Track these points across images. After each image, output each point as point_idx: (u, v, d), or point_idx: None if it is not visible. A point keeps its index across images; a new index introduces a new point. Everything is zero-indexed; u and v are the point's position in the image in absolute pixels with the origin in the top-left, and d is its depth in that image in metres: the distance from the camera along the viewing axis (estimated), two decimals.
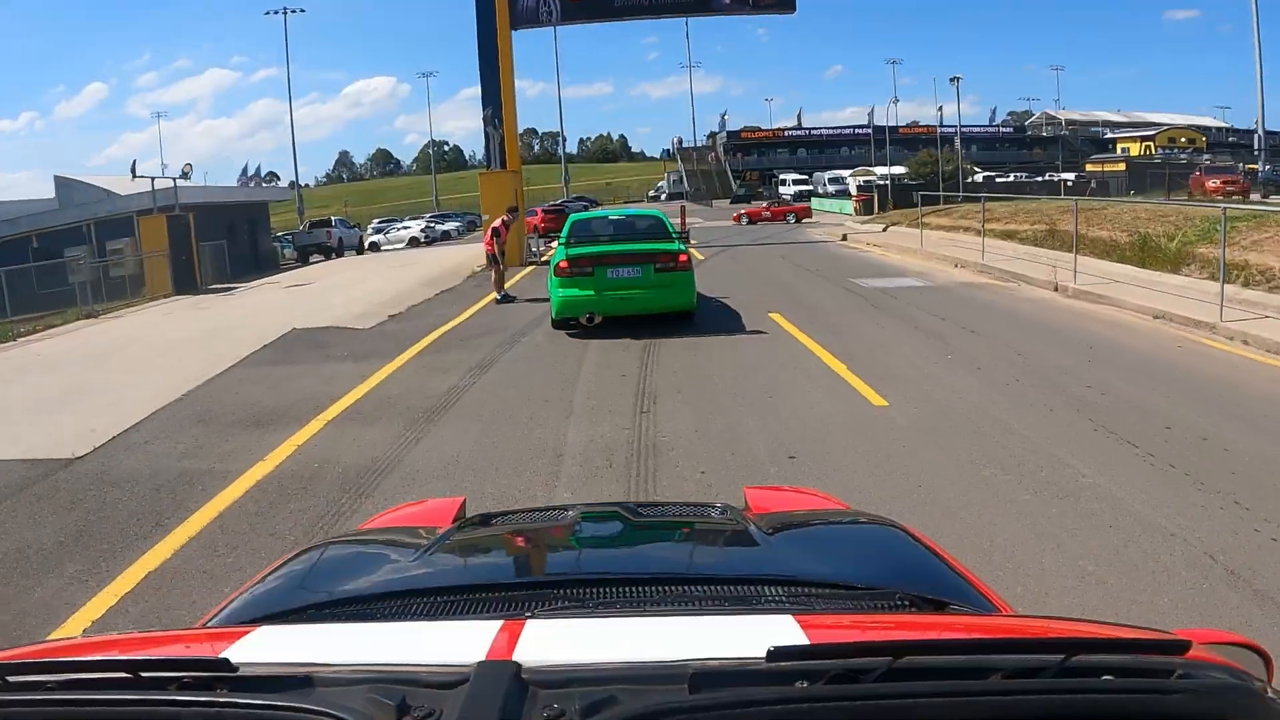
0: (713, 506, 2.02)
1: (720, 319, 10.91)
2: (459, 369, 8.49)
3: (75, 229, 30.04)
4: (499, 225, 14.52)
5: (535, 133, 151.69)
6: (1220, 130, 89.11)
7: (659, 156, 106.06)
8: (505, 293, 14.09)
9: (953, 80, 45.30)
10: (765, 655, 0.86)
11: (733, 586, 1.41)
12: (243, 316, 14.61)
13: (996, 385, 7.07)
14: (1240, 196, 33.26)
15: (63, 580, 4.17)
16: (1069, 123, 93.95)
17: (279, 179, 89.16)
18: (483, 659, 0.93)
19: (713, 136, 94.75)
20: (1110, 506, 4.43)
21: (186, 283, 24.51)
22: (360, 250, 39.76)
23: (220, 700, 0.85)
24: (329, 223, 38.75)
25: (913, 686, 0.83)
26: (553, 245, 13.98)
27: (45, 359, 11.32)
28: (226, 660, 0.91)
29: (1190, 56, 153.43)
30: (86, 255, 28.43)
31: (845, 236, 25.33)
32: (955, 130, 62.65)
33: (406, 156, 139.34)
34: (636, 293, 10.05)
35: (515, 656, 0.94)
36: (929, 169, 46.67)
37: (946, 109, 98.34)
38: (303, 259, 36.74)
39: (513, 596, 1.37)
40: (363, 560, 1.74)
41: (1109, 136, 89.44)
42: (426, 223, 47.77)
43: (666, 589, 1.38)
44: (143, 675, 0.89)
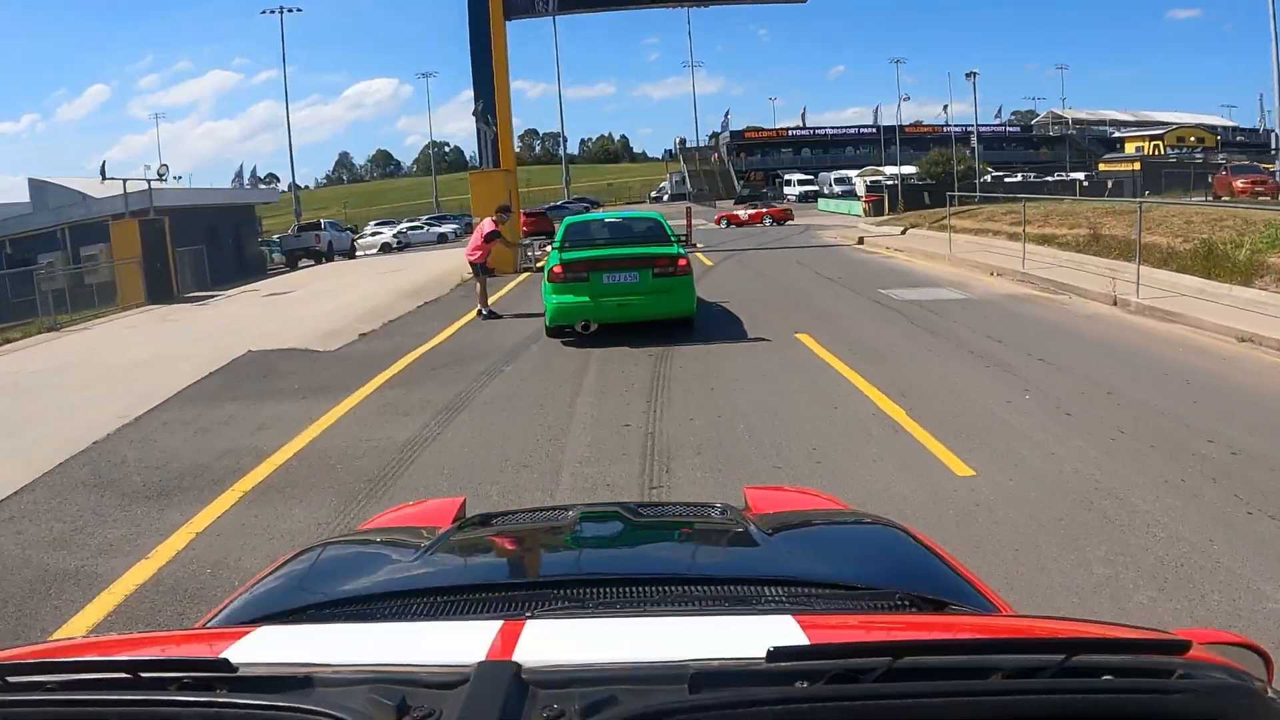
0: (713, 506, 2.03)
1: (741, 342, 9.39)
2: (424, 411, 6.98)
3: (51, 234, 28.64)
4: (491, 228, 12.74)
5: (536, 133, 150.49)
6: (1227, 129, 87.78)
7: (661, 157, 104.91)
8: (490, 309, 12.53)
9: (968, 76, 43.84)
10: (765, 655, 0.86)
11: (733, 586, 1.41)
12: (206, 332, 13.23)
13: (1098, 441, 5.56)
14: (1269, 197, 31.75)
15: None
16: (1075, 122, 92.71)
17: (278, 180, 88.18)
18: (483, 659, 0.93)
19: (715, 136, 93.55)
20: None
21: (161, 291, 23.04)
22: (352, 254, 38.35)
23: (220, 700, 0.85)
24: (318, 225, 37.30)
25: (913, 686, 0.82)
26: (548, 249, 12.52)
27: None
28: (226, 660, 0.91)
29: (1193, 56, 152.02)
30: (60, 262, 27.16)
31: (862, 240, 23.81)
32: (971, 129, 61.03)
33: (408, 158, 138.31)
34: (634, 299, 9.58)
35: (515, 657, 0.94)
36: (940, 169, 45.13)
37: (952, 108, 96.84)
38: (291, 264, 35.38)
39: (513, 597, 1.38)
40: (363, 560, 1.72)
41: (1117, 136, 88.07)
42: (399, 227, 46.74)
43: (666, 589, 1.38)
44: (143, 675, 0.89)
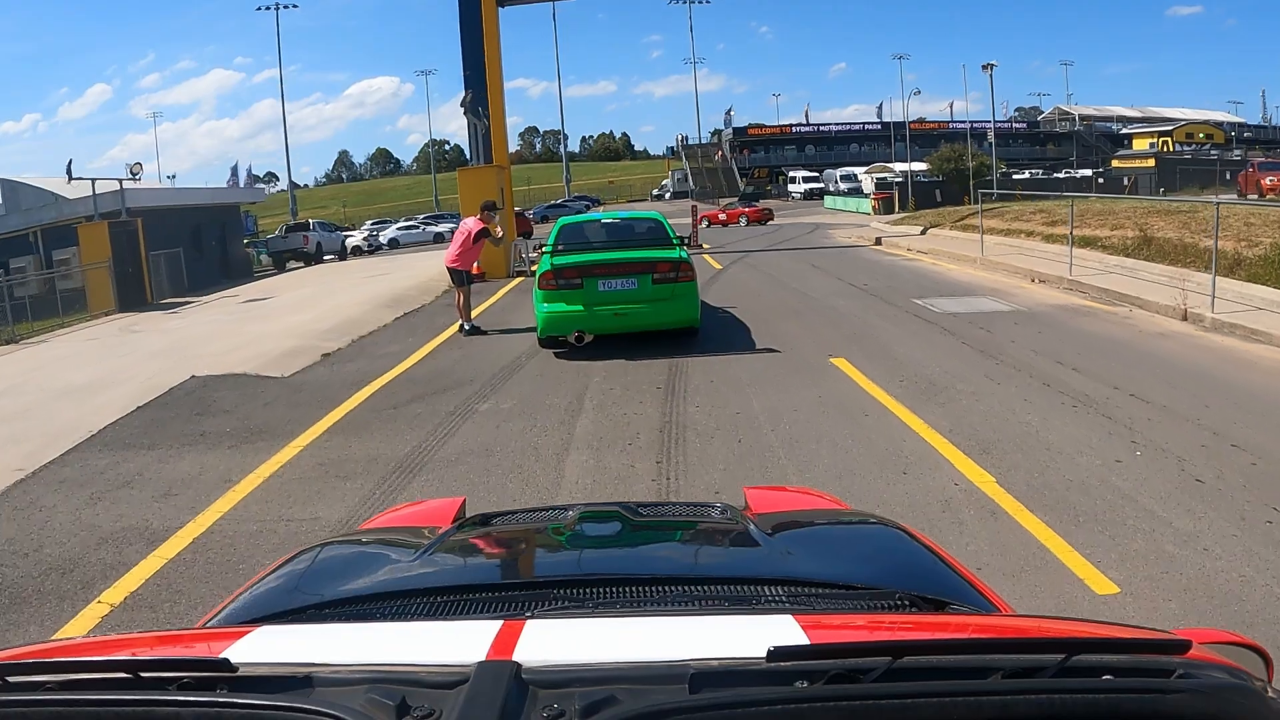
0: (713, 506, 2.02)
1: (766, 368, 7.90)
2: (369, 474, 5.50)
3: (24, 237, 27.17)
4: (478, 227, 11.08)
5: (536, 131, 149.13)
6: (1233, 125, 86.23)
7: (662, 155, 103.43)
8: (473, 323, 11.04)
9: (985, 68, 42.16)
10: (765, 655, 0.85)
11: (733, 586, 1.40)
12: (162, 348, 11.82)
13: (1254, 527, 4.12)
14: None
15: None
16: (1082, 118, 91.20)
17: (277, 179, 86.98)
18: (483, 659, 0.92)
19: (718, 134, 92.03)
20: None
21: (134, 298, 21.59)
22: (343, 255, 36.91)
23: (220, 700, 0.84)
24: (307, 226, 35.82)
25: (913, 686, 0.82)
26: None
27: None
28: (226, 660, 0.90)
29: (1194, 52, 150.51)
30: (32, 266, 25.71)
31: (879, 240, 22.31)
32: (979, 125, 59.46)
33: (409, 157, 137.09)
34: (632, 307, 8.86)
35: (515, 656, 0.93)
36: (953, 165, 43.53)
37: (955, 105, 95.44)
38: (279, 265, 33.97)
39: (513, 596, 1.37)
40: (362, 560, 1.70)
41: (1125, 132, 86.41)
42: (369, 229, 45.64)
43: (666, 589, 1.37)
44: (143, 675, 0.88)
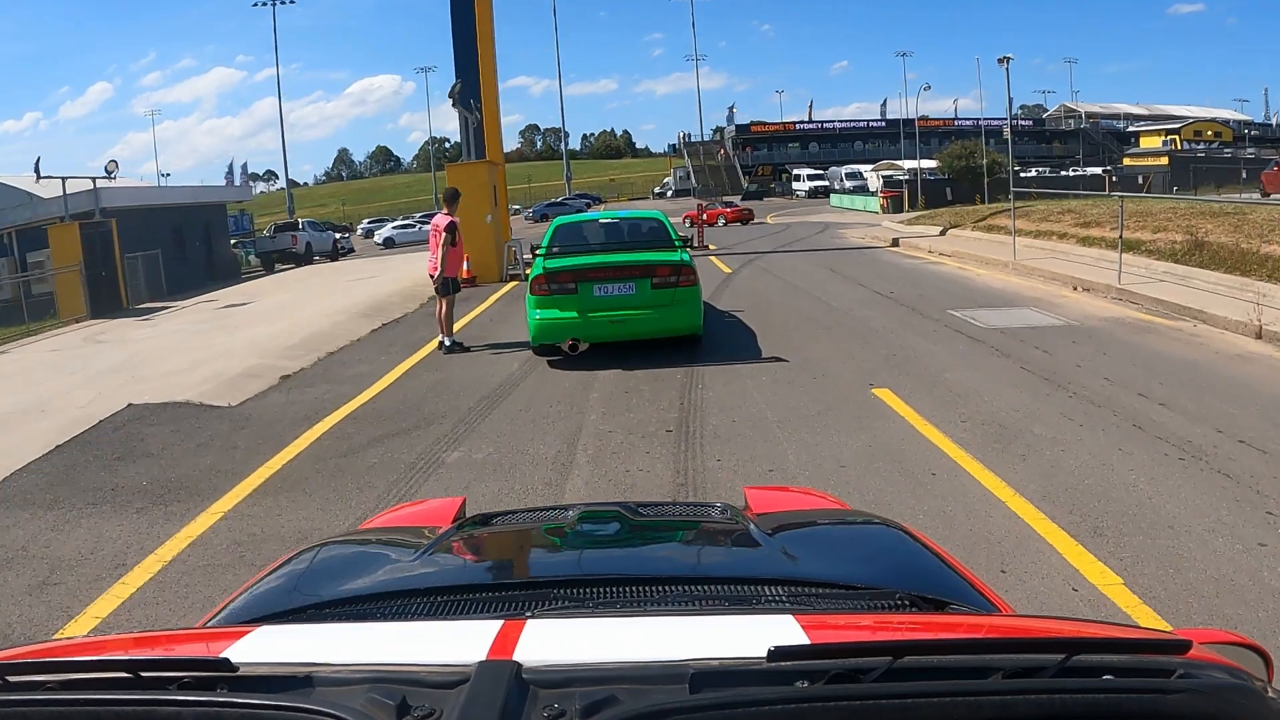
0: (713, 506, 2.01)
1: (799, 405, 6.58)
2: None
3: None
4: (446, 221, 9.57)
5: (537, 129, 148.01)
6: (1239, 123, 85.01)
7: (664, 152, 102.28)
8: (454, 339, 9.77)
9: (1001, 61, 40.71)
10: (765, 655, 0.85)
11: (733, 586, 1.39)
12: (110, 366, 10.70)
13: None
14: None
15: None
16: (1088, 115, 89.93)
17: (276, 177, 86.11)
18: (483, 659, 0.92)
19: (720, 131, 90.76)
20: None
21: (108, 302, 20.38)
22: (335, 255, 35.72)
23: (220, 700, 0.84)
24: (296, 226, 34.62)
25: (913, 686, 0.82)
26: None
27: None
28: (226, 660, 0.89)
29: (1196, 50, 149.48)
30: (5, 269, 24.51)
31: (896, 242, 21.06)
32: (984, 122, 58.11)
33: (411, 155, 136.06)
34: (629, 314, 8.38)
35: (515, 656, 0.92)
36: (963, 163, 42.26)
37: (969, 102, 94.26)
38: (267, 266, 32.79)
39: (513, 596, 1.36)
40: (363, 560, 1.70)
41: (1132, 130, 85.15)
42: (365, 228, 44.59)
43: (667, 589, 1.36)
44: (143, 675, 0.88)
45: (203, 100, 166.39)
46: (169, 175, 79.80)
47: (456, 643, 1.00)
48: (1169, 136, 76.60)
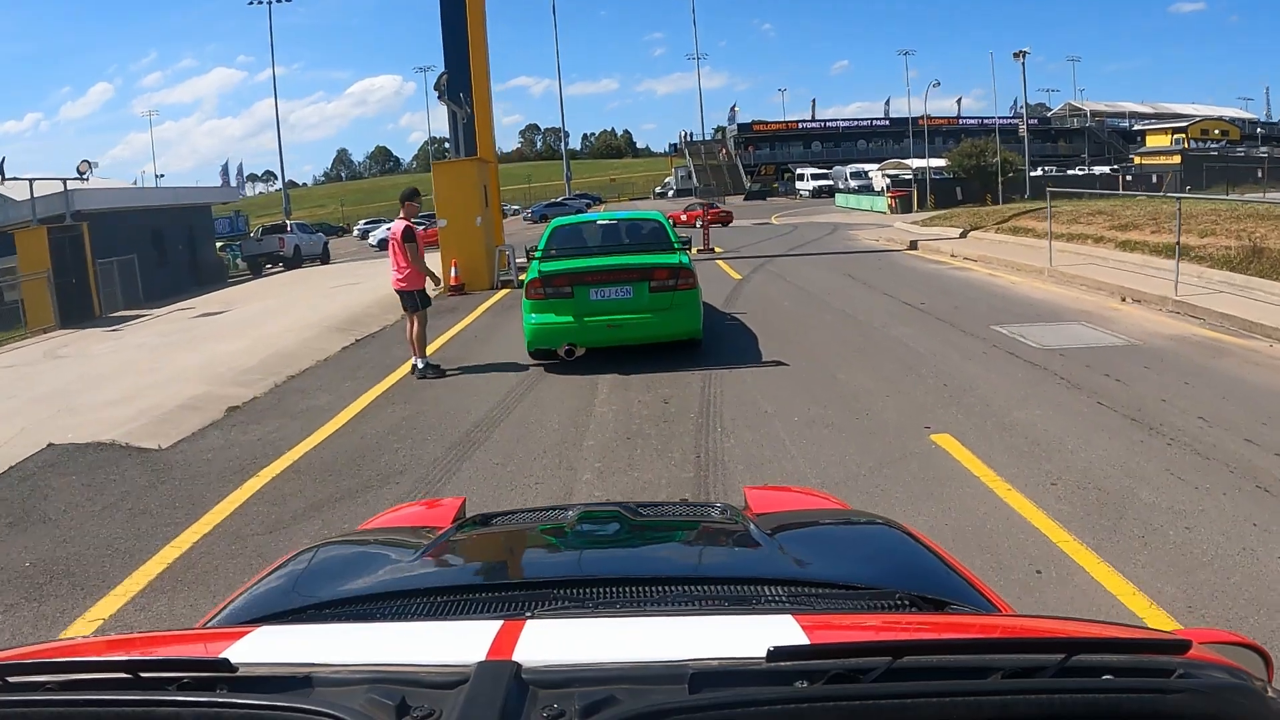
0: (713, 506, 2.01)
1: (844, 459, 5.30)
2: None
3: None
4: (401, 227, 8.38)
5: (537, 128, 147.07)
6: (1244, 122, 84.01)
7: (665, 152, 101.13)
8: (428, 361, 8.49)
9: (1017, 55, 39.77)
10: (765, 655, 0.84)
11: (733, 586, 1.38)
12: (50, 391, 9.65)
13: None
14: None
15: None
16: (1094, 114, 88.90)
17: (276, 178, 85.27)
18: (483, 659, 0.91)
19: (722, 130, 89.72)
20: None
21: (78, 311, 19.21)
22: (324, 259, 34.56)
23: (220, 700, 0.83)
24: (283, 228, 33.46)
25: (913, 686, 0.80)
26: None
27: None
28: (226, 660, 0.88)
29: (1197, 49, 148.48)
30: None
31: (914, 244, 19.88)
32: (991, 120, 56.91)
33: (411, 154, 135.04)
34: (627, 318, 8.16)
35: (515, 656, 0.91)
36: (973, 161, 41.06)
37: (980, 100, 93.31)
38: (254, 270, 31.65)
39: (513, 596, 1.35)
40: (362, 560, 1.66)
41: (1138, 128, 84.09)
42: (361, 229, 43.57)
43: (666, 589, 1.34)
44: (143, 675, 0.87)
45: (203, 100, 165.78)
46: (163, 176, 78.67)
47: (456, 643, 0.99)
48: (1176, 135, 75.42)
